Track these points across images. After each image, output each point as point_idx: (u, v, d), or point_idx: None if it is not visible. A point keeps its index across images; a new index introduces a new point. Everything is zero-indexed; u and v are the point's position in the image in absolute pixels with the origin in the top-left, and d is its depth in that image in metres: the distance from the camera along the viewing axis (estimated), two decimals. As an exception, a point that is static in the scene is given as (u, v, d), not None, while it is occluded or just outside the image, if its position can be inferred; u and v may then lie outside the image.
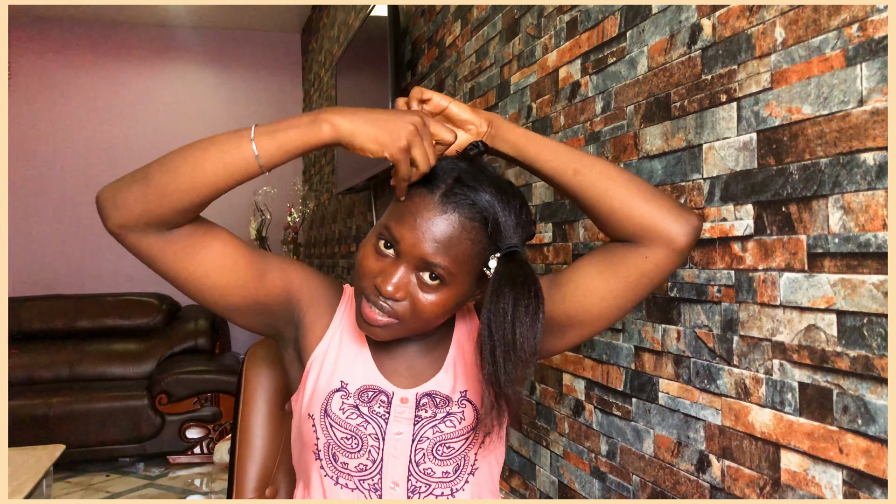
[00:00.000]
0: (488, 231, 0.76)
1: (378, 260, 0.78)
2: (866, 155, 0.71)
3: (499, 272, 0.76)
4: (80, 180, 4.60)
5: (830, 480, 0.76)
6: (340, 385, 0.84)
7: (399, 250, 0.76)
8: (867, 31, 0.71)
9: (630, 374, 1.13)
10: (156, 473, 3.49)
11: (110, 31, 4.71)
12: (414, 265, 0.76)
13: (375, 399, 0.84)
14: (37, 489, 1.98)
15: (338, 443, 0.83)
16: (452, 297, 0.79)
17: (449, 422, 0.84)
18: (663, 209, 0.77)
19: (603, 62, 1.20)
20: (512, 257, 0.76)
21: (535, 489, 1.46)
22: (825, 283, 0.76)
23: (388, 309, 0.77)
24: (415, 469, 0.83)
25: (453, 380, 0.86)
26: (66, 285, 4.48)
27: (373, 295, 0.77)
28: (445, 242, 0.75)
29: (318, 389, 0.85)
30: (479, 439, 0.85)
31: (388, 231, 0.76)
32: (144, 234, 0.74)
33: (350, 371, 0.85)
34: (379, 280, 0.76)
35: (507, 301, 0.73)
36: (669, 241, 0.76)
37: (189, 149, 0.71)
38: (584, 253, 1.26)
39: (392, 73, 2.19)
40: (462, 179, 0.76)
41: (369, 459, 0.83)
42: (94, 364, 3.85)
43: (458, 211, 0.75)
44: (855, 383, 0.73)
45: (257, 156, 0.70)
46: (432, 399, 0.85)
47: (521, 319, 0.73)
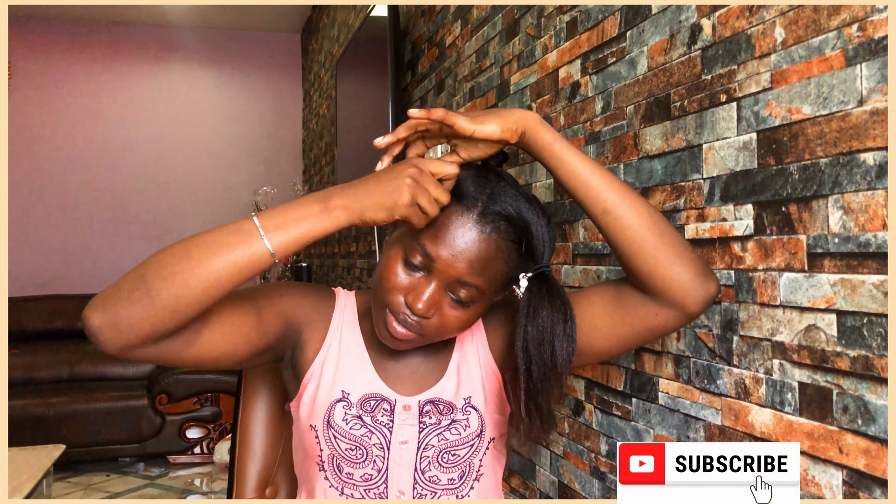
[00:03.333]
0: (522, 250, 0.76)
1: (407, 275, 0.76)
2: (866, 155, 0.71)
3: (532, 292, 0.76)
4: (80, 180, 4.60)
5: (830, 480, 0.76)
6: (342, 395, 0.83)
7: (433, 268, 0.75)
8: (867, 31, 0.71)
9: (630, 373, 1.13)
10: (156, 473, 3.49)
11: (110, 31, 4.71)
12: (446, 284, 0.75)
13: (378, 407, 0.84)
14: (37, 489, 1.98)
15: (342, 454, 0.82)
16: (477, 314, 0.79)
17: (454, 429, 0.84)
18: (686, 273, 0.75)
19: (603, 62, 1.20)
20: (543, 277, 0.76)
21: (535, 489, 1.46)
22: (825, 283, 0.76)
23: (416, 326, 0.76)
24: (420, 477, 0.83)
25: (456, 386, 0.86)
26: (66, 285, 4.48)
27: (401, 311, 0.76)
28: (482, 263, 0.74)
29: (319, 400, 0.84)
30: (483, 446, 0.85)
31: (422, 248, 0.74)
32: (152, 346, 0.68)
33: (351, 380, 0.85)
34: (410, 298, 0.75)
35: (545, 322, 0.74)
36: (683, 307, 0.76)
37: (188, 253, 0.65)
38: (585, 253, 1.26)
39: (392, 73, 2.19)
40: (496, 198, 0.75)
41: (374, 469, 0.82)
42: (94, 364, 3.85)
43: (496, 232, 0.74)
44: (855, 383, 0.73)
45: (273, 252, 0.67)
46: (435, 406, 0.85)
47: (559, 339, 0.74)
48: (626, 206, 0.75)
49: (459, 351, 0.89)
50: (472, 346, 0.89)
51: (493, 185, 0.76)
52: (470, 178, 0.77)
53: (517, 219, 0.75)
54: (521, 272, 0.77)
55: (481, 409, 0.86)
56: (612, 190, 0.75)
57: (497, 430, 0.89)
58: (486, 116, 0.74)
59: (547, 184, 1.40)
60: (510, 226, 0.75)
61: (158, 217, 4.72)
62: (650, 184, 1.07)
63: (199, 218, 4.70)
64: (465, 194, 0.75)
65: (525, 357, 0.75)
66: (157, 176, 4.74)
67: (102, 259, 4.63)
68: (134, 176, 4.71)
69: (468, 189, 0.76)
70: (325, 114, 4.16)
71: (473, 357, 0.88)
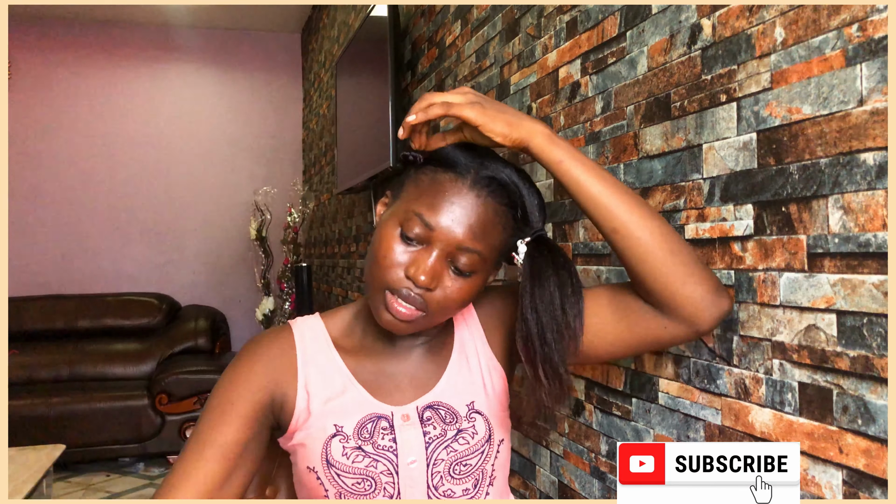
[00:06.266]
0: (518, 216, 0.76)
1: (405, 250, 0.74)
2: (866, 155, 0.71)
3: (533, 256, 0.75)
4: (80, 180, 4.61)
5: (830, 480, 0.76)
6: (336, 429, 0.79)
7: (432, 238, 0.73)
8: (867, 31, 0.71)
9: (630, 373, 1.13)
10: (156, 473, 3.49)
11: (110, 31, 4.71)
12: (448, 253, 0.74)
13: (376, 429, 0.79)
14: (37, 489, 1.98)
15: (349, 489, 0.78)
16: (479, 285, 0.77)
17: (462, 439, 0.81)
18: (698, 292, 0.73)
19: (603, 62, 1.20)
20: (543, 241, 0.76)
21: (535, 489, 1.46)
22: (825, 283, 0.76)
23: (419, 301, 0.74)
24: (434, 493, 0.80)
25: (457, 389, 0.83)
26: (66, 285, 4.48)
27: (403, 286, 0.74)
28: (481, 227, 0.74)
29: (313, 440, 0.79)
30: (493, 450, 0.82)
31: (420, 218, 0.73)
32: None
33: (341, 410, 0.80)
34: (412, 270, 0.73)
35: (552, 284, 0.73)
36: (694, 324, 0.75)
37: None
38: (585, 253, 1.26)
39: (392, 73, 2.19)
40: (487, 165, 0.75)
41: (386, 495, 0.78)
42: (94, 364, 3.85)
43: (492, 196, 0.74)
44: (855, 383, 0.73)
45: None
46: (437, 412, 0.81)
47: (568, 298, 0.73)
48: (636, 225, 0.73)
49: (458, 351, 0.86)
50: (471, 345, 0.87)
51: (482, 153, 0.77)
52: (459, 149, 0.77)
53: (510, 183, 0.75)
54: (518, 238, 0.77)
55: (486, 413, 0.83)
56: (623, 208, 0.73)
57: (506, 430, 0.86)
58: (497, 114, 0.74)
59: (547, 184, 1.40)
60: (504, 190, 0.75)
61: (158, 217, 4.72)
62: (650, 184, 1.07)
63: (198, 218, 4.70)
64: (457, 163, 0.76)
65: (536, 320, 0.73)
66: (157, 176, 4.73)
67: (102, 259, 4.63)
68: (134, 176, 4.70)
69: (459, 158, 0.76)
70: (325, 114, 4.16)
71: (473, 357, 0.86)
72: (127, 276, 4.64)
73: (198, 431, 0.77)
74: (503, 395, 0.87)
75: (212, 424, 0.76)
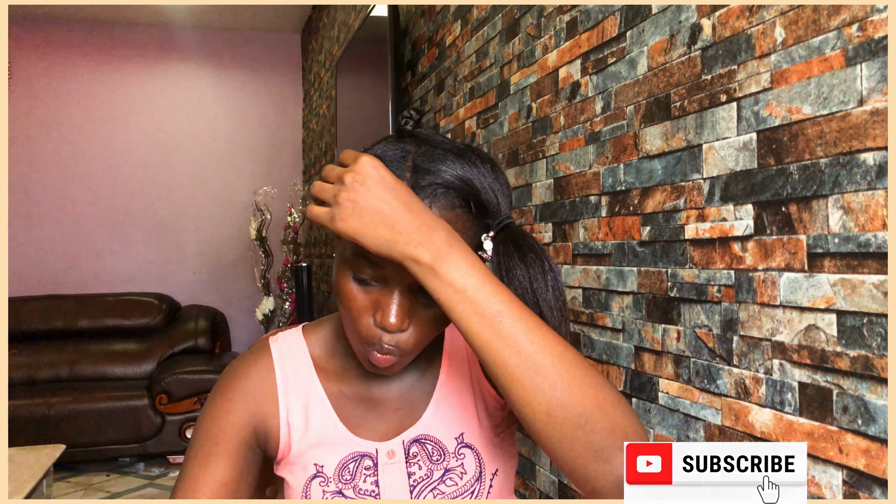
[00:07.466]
0: (473, 212, 0.65)
1: (366, 293, 0.65)
2: (866, 155, 0.71)
3: (499, 252, 0.65)
4: (80, 180, 4.61)
5: (830, 480, 0.76)
6: (316, 470, 0.74)
7: (386, 276, 0.64)
8: (867, 31, 0.71)
9: (630, 373, 1.13)
10: (156, 473, 3.49)
11: (110, 31, 4.71)
12: (408, 285, 0.64)
13: (358, 471, 0.74)
14: (37, 489, 1.99)
15: None
16: None
17: (449, 480, 0.74)
18: (572, 460, 0.56)
19: (603, 62, 1.20)
20: (506, 230, 0.66)
21: (535, 489, 1.46)
22: (825, 283, 0.76)
23: (396, 350, 0.66)
24: None
25: (444, 419, 0.76)
26: (66, 285, 4.48)
27: (376, 338, 0.66)
28: None
29: (295, 479, 0.75)
30: (485, 487, 0.76)
31: (365, 259, 0.63)
32: None
33: (321, 449, 0.75)
34: (378, 317, 0.64)
35: (522, 281, 0.64)
36: (578, 488, 0.60)
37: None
38: (585, 253, 1.26)
39: (392, 73, 2.19)
40: (421, 168, 0.64)
41: None
42: (94, 364, 3.85)
43: (436, 206, 0.63)
44: (855, 383, 0.73)
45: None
46: (423, 447, 0.75)
47: (542, 295, 0.64)
48: (525, 399, 0.58)
49: (445, 373, 0.79)
50: (462, 355, 0.80)
51: (412, 154, 0.65)
52: (385, 156, 0.65)
53: (453, 181, 0.63)
54: (484, 233, 0.66)
55: (477, 446, 0.76)
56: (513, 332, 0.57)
57: (501, 457, 0.79)
58: (373, 222, 0.58)
59: (547, 184, 1.40)
60: (448, 191, 0.63)
61: (158, 217, 4.72)
62: (650, 184, 1.07)
63: (199, 218, 4.70)
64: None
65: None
66: (157, 176, 4.74)
67: (102, 259, 4.63)
68: (134, 176, 4.70)
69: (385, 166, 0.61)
70: (325, 114, 4.16)
71: (464, 380, 0.79)
72: (127, 276, 4.64)
73: (188, 469, 0.73)
74: (497, 411, 0.79)
75: (200, 464, 0.73)
